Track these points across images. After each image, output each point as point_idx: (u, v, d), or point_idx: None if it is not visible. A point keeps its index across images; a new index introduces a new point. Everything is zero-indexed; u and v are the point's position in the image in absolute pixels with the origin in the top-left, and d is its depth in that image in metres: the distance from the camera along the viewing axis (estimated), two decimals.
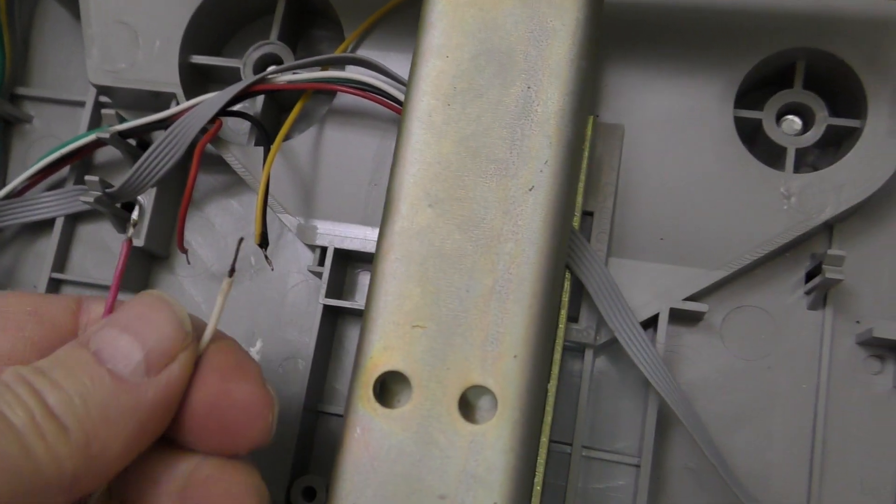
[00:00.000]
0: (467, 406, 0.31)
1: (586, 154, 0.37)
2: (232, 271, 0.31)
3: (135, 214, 0.33)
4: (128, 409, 0.26)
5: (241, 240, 0.32)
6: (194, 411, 0.29)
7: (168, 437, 0.29)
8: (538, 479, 0.33)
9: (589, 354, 0.40)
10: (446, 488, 0.30)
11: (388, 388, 0.31)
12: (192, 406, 0.29)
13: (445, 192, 0.32)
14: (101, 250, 0.46)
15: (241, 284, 0.45)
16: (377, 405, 0.31)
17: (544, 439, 0.34)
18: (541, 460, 0.33)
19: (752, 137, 0.41)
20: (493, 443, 0.30)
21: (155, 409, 0.27)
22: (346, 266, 0.43)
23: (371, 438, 0.30)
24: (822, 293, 0.39)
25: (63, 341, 0.28)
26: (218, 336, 0.30)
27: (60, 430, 0.25)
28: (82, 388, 0.26)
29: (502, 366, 0.30)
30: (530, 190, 0.32)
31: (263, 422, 0.30)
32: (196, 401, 0.29)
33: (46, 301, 0.31)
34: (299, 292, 0.44)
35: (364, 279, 0.43)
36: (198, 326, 0.30)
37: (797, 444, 0.39)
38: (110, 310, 0.30)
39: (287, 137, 0.42)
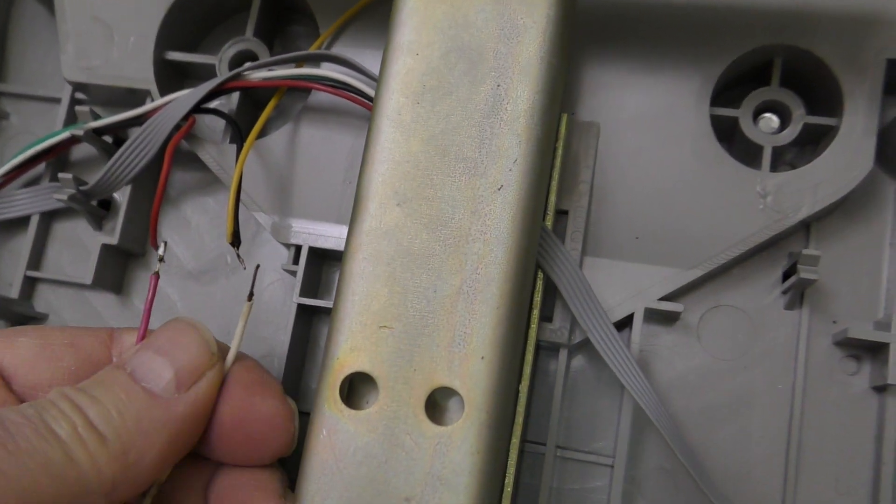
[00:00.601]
0: (434, 407, 0.31)
1: (560, 152, 0.37)
2: (251, 295, 0.34)
3: (161, 250, 0.34)
4: (161, 421, 0.29)
5: (257, 266, 0.35)
6: (222, 425, 0.32)
7: (197, 453, 0.32)
8: (509, 479, 0.33)
9: (563, 354, 0.39)
10: (412, 490, 0.29)
11: (356, 388, 0.31)
12: (220, 420, 0.32)
13: (414, 191, 0.32)
14: (77, 248, 0.46)
15: (217, 283, 0.45)
16: (343, 406, 0.30)
17: (515, 440, 0.33)
18: (511, 462, 0.33)
19: (729, 136, 0.41)
20: (459, 445, 0.30)
21: (185, 421, 0.30)
22: (322, 265, 0.43)
23: (337, 440, 0.30)
24: (798, 293, 0.39)
25: (98, 370, 0.31)
26: (240, 356, 0.33)
27: (100, 440, 0.28)
28: (119, 403, 0.29)
29: (469, 367, 0.30)
30: (499, 189, 0.32)
31: (286, 432, 0.33)
32: (223, 414, 0.32)
33: (82, 333, 0.34)
34: (275, 291, 0.44)
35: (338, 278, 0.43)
36: (222, 349, 0.33)
37: (774, 444, 0.38)
38: (143, 338, 0.33)
39: (262, 134, 0.42)
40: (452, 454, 0.29)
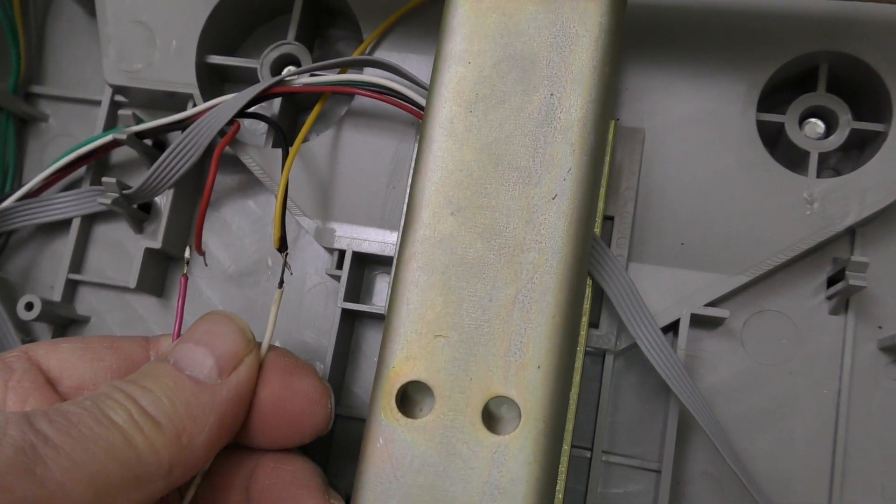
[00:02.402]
0: (490, 417, 0.31)
1: (608, 159, 0.37)
2: (281, 283, 0.36)
3: (187, 253, 0.37)
4: (208, 405, 0.31)
5: (286, 254, 0.37)
6: (263, 407, 0.34)
7: (239, 445, 0.34)
8: (560, 486, 0.33)
9: (609, 359, 0.39)
10: (470, 499, 0.29)
11: (411, 397, 0.31)
12: (261, 402, 0.34)
13: (467, 200, 0.32)
14: (118, 251, 0.46)
15: (259, 286, 0.45)
16: (399, 415, 0.30)
17: (566, 447, 0.34)
18: (562, 468, 0.33)
19: (775, 141, 0.41)
20: (516, 454, 0.30)
21: (230, 404, 0.32)
22: (364, 269, 0.43)
23: (393, 449, 0.30)
24: (843, 299, 0.39)
25: (137, 369, 0.33)
26: (273, 347, 0.35)
27: (155, 425, 0.29)
28: (168, 391, 0.31)
29: (525, 376, 0.30)
30: (553, 198, 0.32)
31: (324, 409, 0.35)
32: (264, 397, 0.34)
33: (121, 338, 0.36)
34: (317, 295, 0.44)
35: (381, 282, 0.43)
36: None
37: (818, 450, 0.39)
38: (178, 337, 0.34)
39: (305, 139, 0.42)
40: (510, 463, 0.30)
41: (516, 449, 0.30)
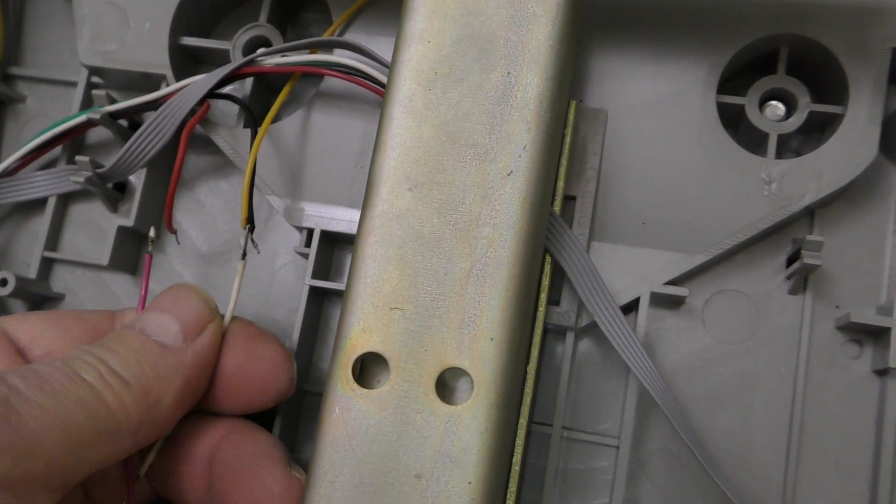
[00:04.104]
0: (444, 387, 0.31)
1: (568, 139, 0.37)
2: (244, 255, 0.38)
3: (152, 232, 0.39)
4: (173, 368, 0.33)
5: (249, 228, 0.39)
6: (227, 372, 0.35)
7: (202, 409, 0.36)
8: (516, 459, 0.34)
9: (570, 337, 0.40)
10: (422, 468, 0.30)
11: (367, 368, 0.32)
12: (225, 368, 0.35)
13: (425, 176, 0.32)
14: (93, 230, 0.47)
15: (230, 265, 0.46)
16: (356, 386, 0.31)
17: (523, 420, 0.34)
18: (519, 441, 0.34)
19: (735, 123, 0.42)
20: (468, 424, 0.30)
21: (194, 367, 0.34)
22: (333, 248, 0.44)
23: (349, 418, 0.31)
24: (801, 278, 0.39)
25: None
26: (236, 317, 0.37)
27: (123, 384, 0.31)
28: (136, 353, 0.32)
29: (479, 348, 0.31)
30: (508, 175, 0.32)
31: (287, 374, 0.36)
32: (228, 362, 0.35)
33: (88, 311, 0.37)
34: (287, 273, 0.45)
35: (350, 261, 0.44)
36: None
37: (776, 427, 0.39)
38: (143, 307, 0.36)
39: (275, 119, 0.42)
40: (462, 433, 0.30)
41: (469, 419, 0.30)
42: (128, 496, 0.35)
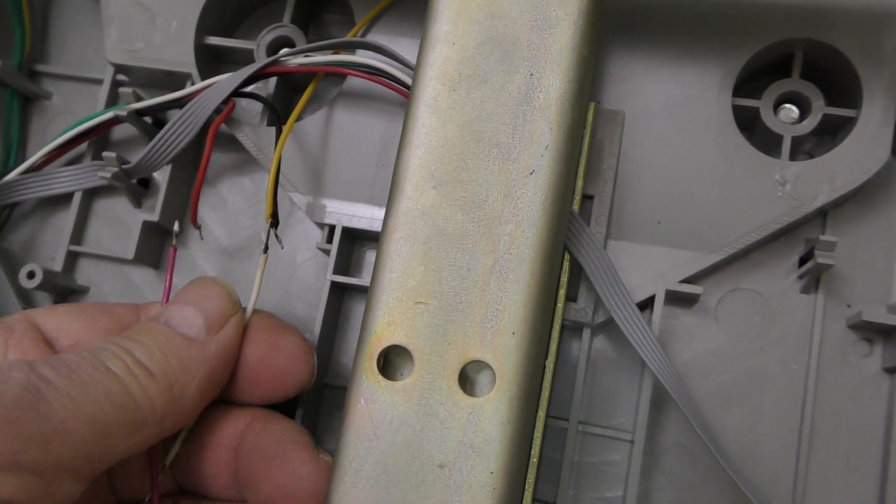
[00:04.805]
0: (467, 380, 0.32)
1: (587, 139, 0.38)
2: (265, 249, 0.39)
3: (176, 227, 0.40)
4: (197, 359, 0.34)
5: (270, 222, 0.40)
6: (249, 363, 0.36)
7: (225, 399, 0.36)
8: (535, 451, 0.35)
9: (587, 333, 0.41)
10: (445, 457, 0.31)
11: (391, 361, 0.33)
12: (247, 359, 0.36)
13: (449, 174, 0.33)
14: (117, 225, 0.48)
15: (251, 260, 0.46)
16: (380, 377, 0.32)
17: (541, 413, 0.35)
18: (537, 434, 0.35)
19: (750, 125, 0.42)
20: (490, 415, 0.31)
21: (218, 359, 0.35)
22: (353, 244, 0.45)
23: (374, 409, 0.32)
24: (814, 277, 0.40)
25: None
26: (257, 310, 0.38)
27: (149, 375, 0.32)
28: (161, 345, 0.33)
29: (501, 342, 0.32)
30: (531, 174, 0.33)
31: (307, 364, 0.37)
32: (250, 354, 0.36)
33: (114, 304, 0.38)
34: (308, 269, 0.46)
35: (370, 257, 0.45)
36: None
37: (786, 423, 0.40)
38: (167, 300, 0.37)
39: (298, 118, 0.43)
40: (484, 424, 0.31)
41: (491, 410, 0.31)
42: (152, 486, 0.35)
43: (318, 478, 0.34)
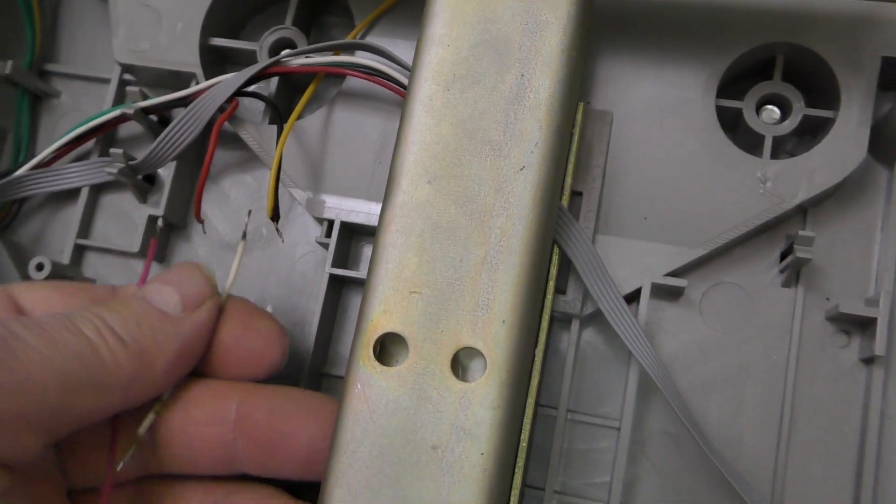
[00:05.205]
0: (459, 366, 0.33)
1: (576, 138, 0.40)
2: (244, 236, 0.40)
3: (160, 223, 0.44)
4: (171, 334, 0.35)
5: (249, 211, 0.42)
6: (223, 344, 0.37)
7: (199, 372, 0.37)
8: (524, 436, 0.36)
9: (575, 325, 0.43)
10: (438, 440, 0.32)
11: (387, 348, 0.34)
12: (221, 339, 0.37)
13: (443, 169, 0.35)
14: (123, 220, 0.49)
15: (252, 254, 0.48)
16: (376, 363, 0.33)
17: (531, 400, 0.36)
18: (527, 420, 0.36)
19: (734, 126, 0.44)
20: (481, 399, 0.33)
21: (191, 337, 0.36)
22: (351, 239, 0.46)
23: (370, 393, 0.33)
24: (794, 271, 0.42)
25: None
26: (233, 295, 0.39)
27: (120, 341, 0.33)
28: (136, 316, 0.34)
29: (491, 330, 0.33)
30: (521, 170, 0.35)
31: (280, 347, 0.38)
32: (224, 334, 0.37)
33: (91, 285, 0.40)
34: (307, 262, 0.47)
35: (367, 251, 0.46)
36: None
37: (767, 412, 0.42)
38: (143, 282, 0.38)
39: (299, 117, 0.45)
40: (475, 408, 0.32)
41: (482, 395, 0.33)
42: (110, 458, 0.35)
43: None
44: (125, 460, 0.35)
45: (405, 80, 0.42)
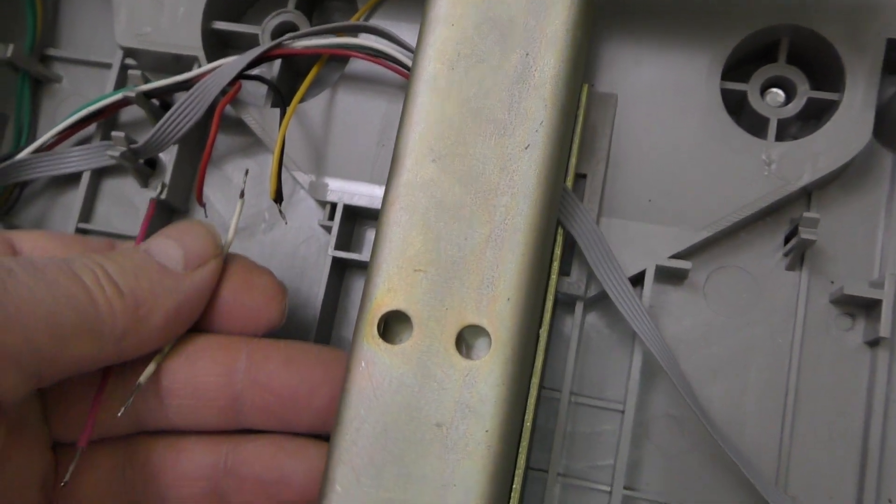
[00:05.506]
0: (463, 344, 0.33)
1: (581, 120, 0.40)
2: (242, 194, 0.40)
3: (158, 189, 0.43)
4: (169, 290, 0.34)
5: (246, 170, 0.43)
6: (222, 300, 0.37)
7: (198, 328, 0.37)
8: (528, 416, 0.36)
9: (579, 308, 0.42)
10: (442, 417, 0.32)
11: (391, 326, 0.34)
12: (221, 296, 0.37)
13: (448, 148, 0.35)
14: (124, 204, 0.49)
15: (255, 238, 0.48)
16: (381, 341, 0.33)
17: (535, 381, 0.36)
18: (531, 400, 0.36)
19: (738, 108, 0.44)
20: (485, 377, 0.32)
21: (190, 295, 0.35)
22: (354, 222, 0.46)
23: (374, 371, 0.33)
24: (798, 254, 0.42)
25: None
26: (233, 253, 0.39)
27: (117, 290, 0.32)
28: (136, 268, 0.34)
29: (496, 307, 0.33)
30: (526, 148, 0.34)
31: (279, 304, 0.38)
32: (225, 289, 0.37)
33: (89, 238, 0.39)
34: (310, 246, 0.47)
35: (370, 235, 0.46)
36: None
37: (771, 394, 0.41)
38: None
39: (301, 100, 0.45)
40: (480, 385, 0.32)
41: (486, 372, 0.33)
42: (91, 409, 0.35)
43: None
44: (126, 406, 0.34)
45: (408, 62, 0.42)
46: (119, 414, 0.34)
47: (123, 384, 0.35)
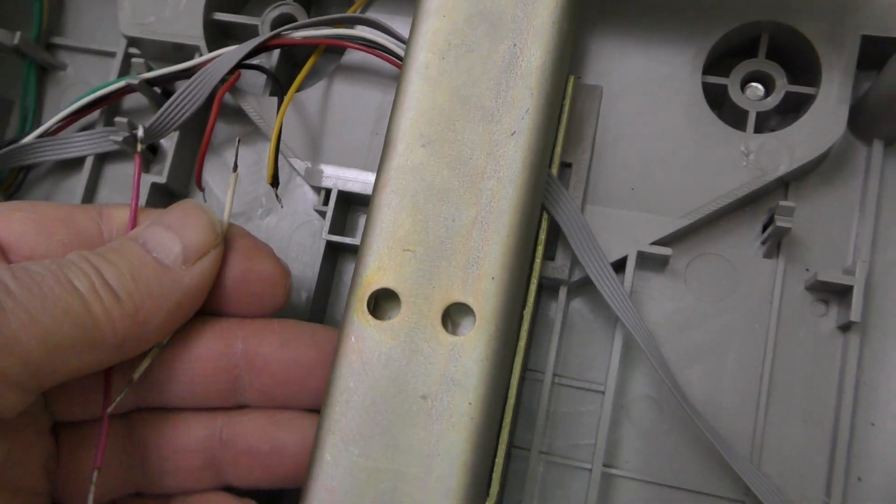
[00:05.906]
0: (449, 320, 0.35)
1: (566, 110, 0.41)
2: (235, 167, 0.40)
3: (140, 132, 0.42)
4: (168, 289, 0.34)
5: (238, 139, 0.43)
6: (226, 286, 0.37)
7: (201, 311, 0.36)
8: (512, 392, 0.37)
9: (563, 292, 0.44)
10: (428, 390, 0.34)
11: (381, 303, 0.36)
12: (225, 282, 0.37)
13: (437, 134, 0.36)
14: (127, 188, 0.51)
15: (252, 222, 0.49)
16: (370, 317, 0.35)
17: (519, 359, 0.38)
18: (514, 378, 0.37)
19: (719, 102, 0.46)
20: (470, 352, 0.34)
21: (190, 292, 0.35)
22: (348, 208, 0.48)
23: (364, 346, 0.35)
24: (775, 242, 0.43)
25: (89, 245, 0.34)
26: (232, 224, 0.38)
27: (115, 298, 0.32)
28: (133, 268, 0.33)
29: (481, 286, 0.35)
30: (512, 135, 0.36)
31: (282, 288, 0.38)
32: (227, 277, 0.37)
33: (74, 210, 0.37)
34: (305, 231, 0.49)
35: (363, 220, 0.48)
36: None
37: (748, 378, 0.43)
38: (134, 216, 0.37)
39: (299, 89, 0.46)
40: (464, 360, 0.34)
41: (471, 348, 0.34)
42: (103, 405, 0.35)
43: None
44: (116, 402, 0.35)
45: (402, 53, 0.43)
46: (109, 410, 0.34)
47: (122, 373, 0.35)
